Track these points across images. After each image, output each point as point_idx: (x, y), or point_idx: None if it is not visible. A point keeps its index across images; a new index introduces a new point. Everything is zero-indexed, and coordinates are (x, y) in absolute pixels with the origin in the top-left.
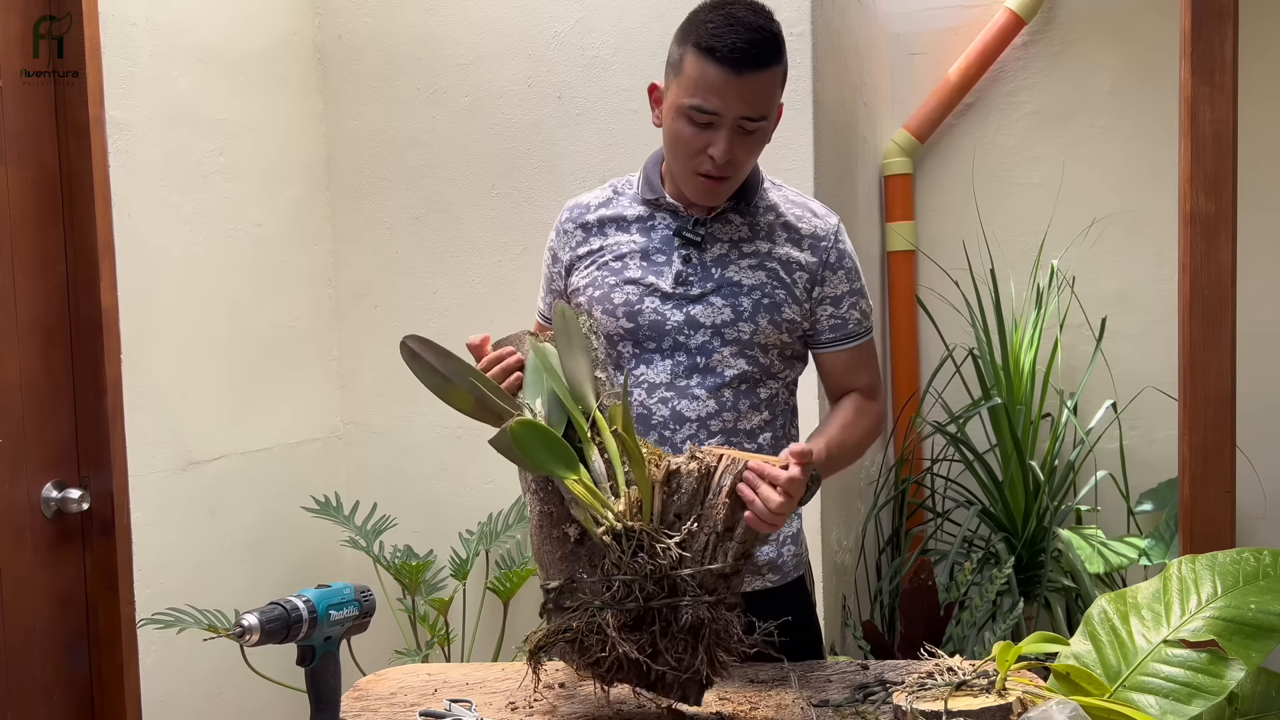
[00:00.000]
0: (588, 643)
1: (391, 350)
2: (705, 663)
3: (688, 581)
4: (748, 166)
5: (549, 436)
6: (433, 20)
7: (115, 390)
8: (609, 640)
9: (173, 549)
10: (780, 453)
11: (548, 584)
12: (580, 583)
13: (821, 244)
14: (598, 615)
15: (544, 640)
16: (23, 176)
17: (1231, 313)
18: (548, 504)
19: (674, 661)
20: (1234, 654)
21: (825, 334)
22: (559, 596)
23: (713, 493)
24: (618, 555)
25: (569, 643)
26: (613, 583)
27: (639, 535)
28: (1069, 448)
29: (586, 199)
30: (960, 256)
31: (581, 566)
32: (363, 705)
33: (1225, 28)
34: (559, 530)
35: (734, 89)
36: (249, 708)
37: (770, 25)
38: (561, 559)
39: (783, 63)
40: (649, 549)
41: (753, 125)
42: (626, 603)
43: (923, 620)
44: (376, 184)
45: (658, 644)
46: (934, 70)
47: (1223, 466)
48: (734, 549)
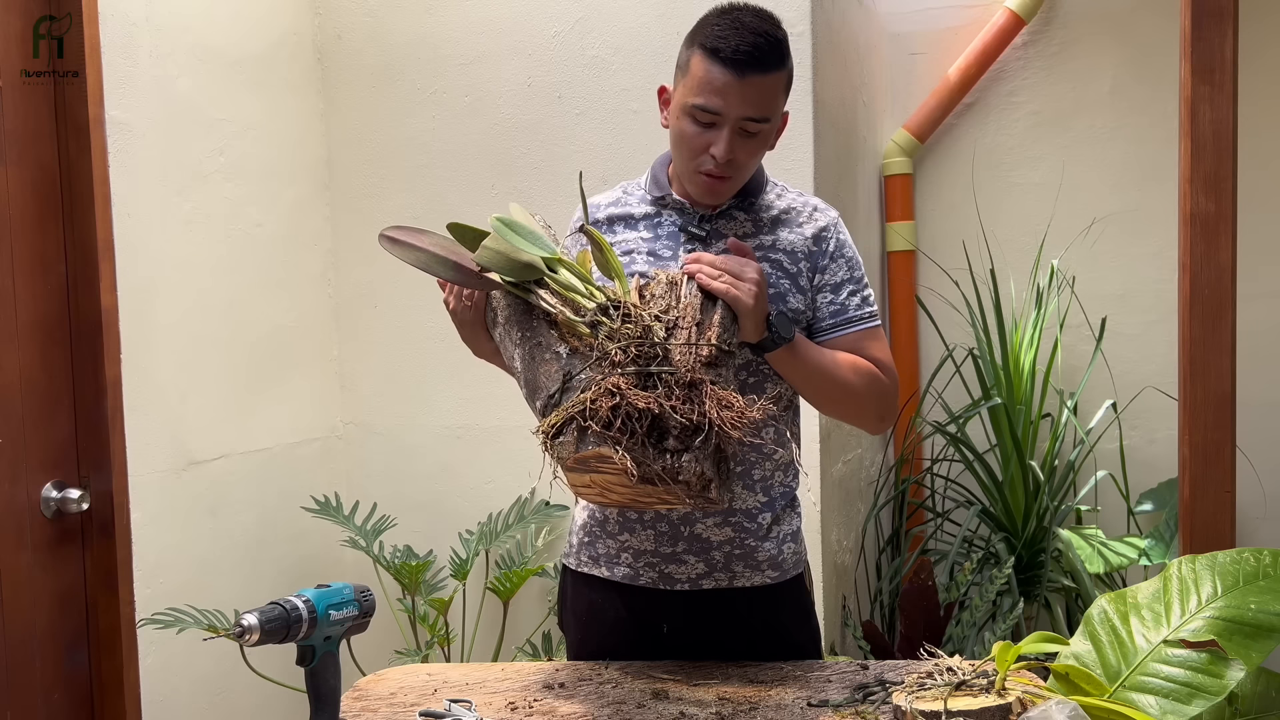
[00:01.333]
0: (599, 405)
1: (392, 350)
2: (715, 411)
3: (676, 351)
4: (750, 168)
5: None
6: (433, 20)
7: (115, 390)
8: (621, 394)
9: (173, 549)
10: (781, 452)
11: (550, 393)
12: (577, 374)
13: (823, 233)
14: (605, 380)
15: (560, 419)
16: (23, 176)
17: (1231, 313)
18: (534, 337)
19: (681, 416)
20: (1234, 654)
21: (826, 320)
22: (561, 397)
23: (681, 297)
24: (609, 328)
25: (581, 414)
26: (610, 351)
27: (624, 305)
28: (1069, 448)
29: (596, 199)
30: (960, 256)
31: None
32: (363, 705)
33: (1225, 28)
34: (550, 352)
35: (736, 90)
36: (249, 708)
37: (775, 31)
38: (555, 372)
39: (786, 68)
40: (636, 317)
41: (755, 127)
42: (628, 368)
43: (923, 620)
44: (376, 184)
45: (666, 403)
46: (934, 70)
47: (1223, 466)
48: (714, 334)
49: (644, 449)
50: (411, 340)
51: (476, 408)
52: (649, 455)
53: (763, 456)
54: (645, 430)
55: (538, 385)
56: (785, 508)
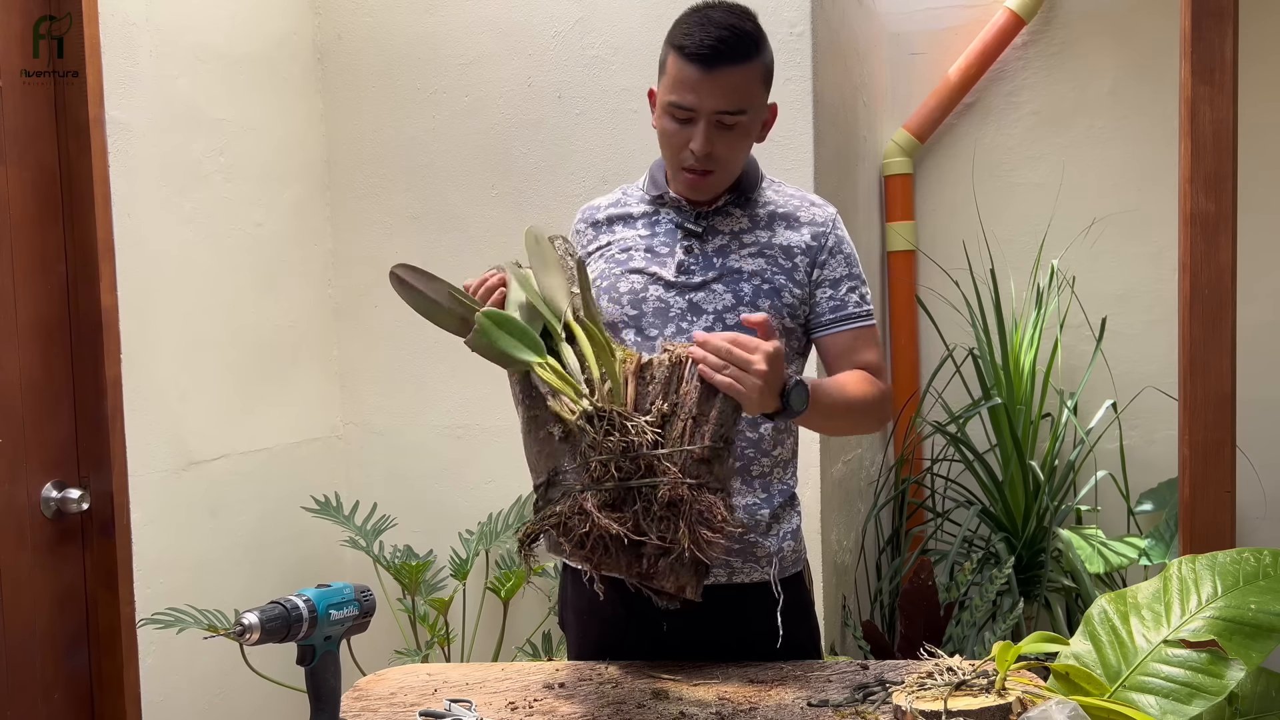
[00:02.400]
0: (571, 524)
1: (392, 350)
2: (688, 536)
3: (664, 461)
4: (733, 161)
5: (516, 326)
6: (432, 20)
7: (115, 390)
8: (590, 517)
9: (173, 549)
10: (781, 448)
11: (536, 481)
12: (563, 472)
13: (820, 229)
14: (578, 497)
15: (532, 528)
16: (23, 176)
17: (1231, 313)
18: (533, 408)
19: (657, 536)
20: (1234, 654)
21: (825, 315)
22: (546, 490)
23: (685, 380)
24: (592, 438)
25: (555, 527)
26: (590, 464)
27: (610, 414)
28: (1069, 448)
29: (598, 201)
30: (960, 256)
31: (564, 460)
32: (363, 705)
33: (1225, 28)
34: (544, 431)
35: (706, 84)
36: (249, 708)
37: (743, 24)
38: (548, 457)
39: (759, 60)
40: (621, 428)
41: (730, 120)
42: (605, 483)
43: (923, 620)
44: (376, 184)
45: (640, 522)
46: (934, 70)
47: (1223, 466)
48: (710, 431)
49: (617, 560)
50: (411, 340)
51: (476, 408)
52: (622, 565)
53: (761, 453)
54: (618, 548)
55: (530, 461)
56: (784, 505)
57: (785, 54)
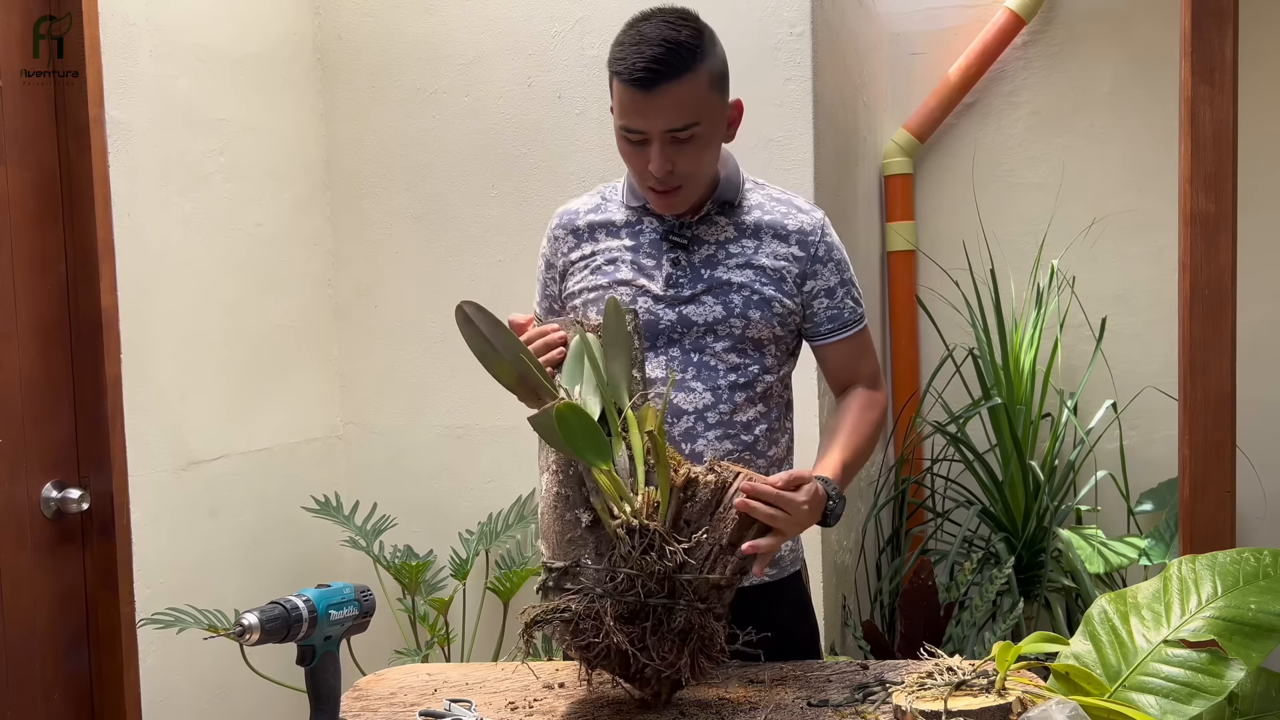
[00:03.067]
0: (583, 626)
1: (392, 350)
2: (688, 665)
3: (685, 587)
4: (699, 172)
5: (590, 424)
6: (433, 20)
7: (115, 390)
8: (604, 628)
9: (173, 549)
10: (775, 447)
11: (553, 563)
12: (585, 568)
13: (809, 239)
14: (597, 602)
15: (541, 616)
16: (23, 176)
17: (1231, 313)
18: (565, 487)
19: (659, 660)
20: (1234, 654)
21: (824, 325)
22: (561, 577)
23: (724, 507)
24: (627, 549)
25: (565, 623)
26: (618, 574)
27: (652, 535)
28: (1069, 448)
29: (576, 205)
30: (960, 256)
31: (588, 552)
32: (363, 705)
33: (1225, 28)
34: (572, 513)
35: (650, 106)
36: (249, 708)
37: (678, 34)
38: (570, 541)
39: (703, 66)
40: (659, 549)
41: (684, 134)
42: (627, 595)
43: (923, 620)
44: (376, 184)
45: (647, 640)
46: (934, 70)
47: (1223, 466)
48: (733, 564)
49: (611, 662)
50: (411, 340)
51: (476, 408)
52: (614, 666)
53: (756, 454)
54: (619, 658)
55: (548, 535)
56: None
57: (785, 54)
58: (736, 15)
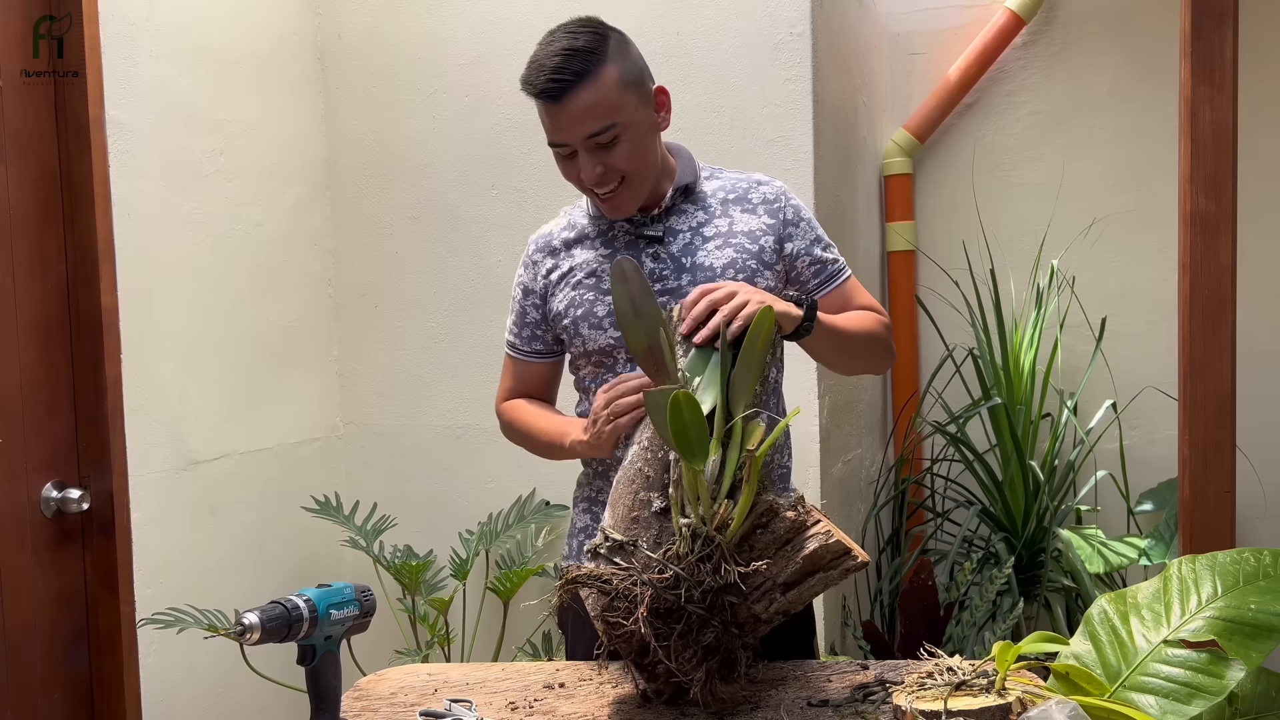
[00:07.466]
0: (617, 604)
1: (392, 350)
2: (701, 681)
3: (727, 608)
4: (638, 168)
5: (699, 420)
6: (433, 20)
7: (115, 390)
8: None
9: (173, 549)
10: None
11: (611, 533)
12: (639, 550)
13: (774, 205)
14: (639, 587)
15: (584, 579)
16: (23, 176)
17: (1231, 313)
18: (650, 466)
19: (676, 664)
20: (1234, 654)
21: (811, 280)
22: (615, 549)
23: (793, 548)
24: (685, 550)
25: (602, 593)
26: (667, 570)
27: (714, 547)
28: (1069, 448)
29: (547, 229)
30: (960, 256)
31: (648, 537)
32: (363, 705)
33: (1225, 28)
34: (646, 494)
35: (563, 117)
36: (249, 708)
37: (576, 41)
38: (635, 520)
39: (607, 67)
40: (715, 563)
41: (604, 137)
42: (668, 593)
43: (923, 620)
44: (376, 184)
45: (672, 641)
46: (934, 70)
47: (1223, 466)
48: (781, 604)
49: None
50: (411, 340)
51: (476, 408)
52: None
53: None
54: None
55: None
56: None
57: (785, 54)
58: (736, 16)
